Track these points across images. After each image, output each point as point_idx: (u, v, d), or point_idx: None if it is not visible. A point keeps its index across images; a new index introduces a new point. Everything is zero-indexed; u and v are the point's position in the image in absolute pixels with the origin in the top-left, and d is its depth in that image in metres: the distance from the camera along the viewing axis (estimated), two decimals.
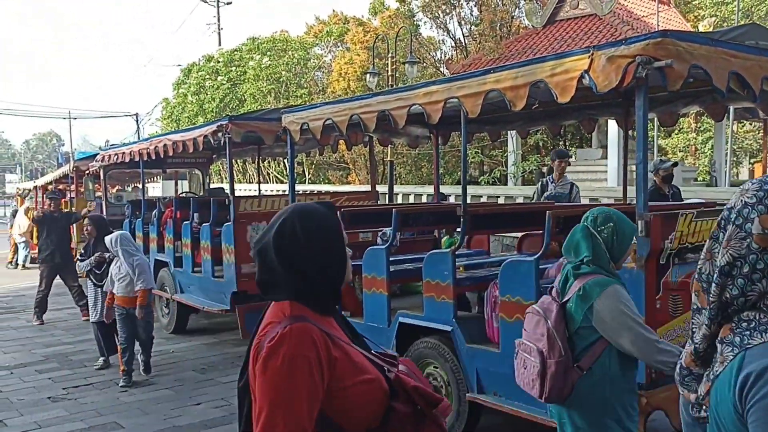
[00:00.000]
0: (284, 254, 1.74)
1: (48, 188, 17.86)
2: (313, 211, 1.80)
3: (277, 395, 1.62)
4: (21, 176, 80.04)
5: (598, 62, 3.61)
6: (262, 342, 1.68)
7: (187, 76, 27.82)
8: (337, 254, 1.80)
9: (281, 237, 1.75)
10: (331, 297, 1.82)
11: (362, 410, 1.74)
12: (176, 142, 8.38)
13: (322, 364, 1.66)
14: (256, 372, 1.67)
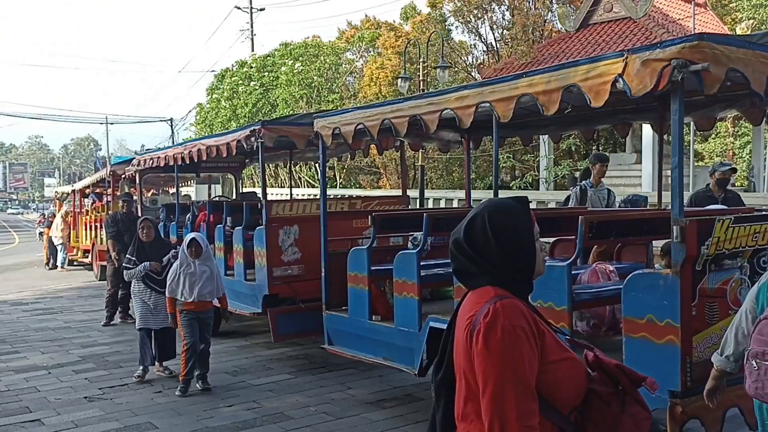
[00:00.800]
0: (475, 246, 1.83)
1: (86, 192, 18.26)
2: (503, 206, 1.88)
3: (504, 366, 1.67)
4: (59, 180, 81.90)
5: (632, 66, 3.57)
6: (476, 320, 1.73)
7: (221, 82, 28.20)
8: (525, 246, 1.85)
9: (471, 230, 1.84)
10: (526, 284, 1.87)
11: (568, 387, 1.78)
12: (210, 146, 8.49)
13: (534, 334, 1.72)
14: (476, 349, 1.71)
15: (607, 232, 4.75)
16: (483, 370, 1.69)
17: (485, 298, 1.78)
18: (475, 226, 1.84)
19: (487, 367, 1.68)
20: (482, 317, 1.72)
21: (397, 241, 7.49)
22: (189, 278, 6.26)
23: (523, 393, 1.66)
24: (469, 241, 1.84)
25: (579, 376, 1.81)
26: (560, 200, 12.53)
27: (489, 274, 1.82)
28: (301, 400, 6.03)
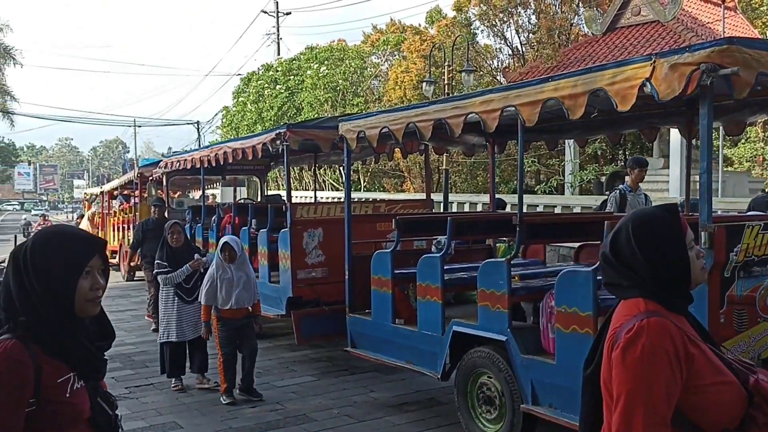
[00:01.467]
0: (622, 259, 1.79)
1: (114, 193, 18.52)
2: (646, 217, 1.83)
3: (636, 385, 1.64)
4: (88, 182, 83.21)
5: (660, 70, 3.54)
6: (619, 333, 1.71)
7: (247, 85, 28.45)
8: (675, 257, 1.78)
9: (617, 243, 1.81)
10: (681, 296, 1.80)
11: (719, 411, 1.73)
12: (236, 149, 8.58)
13: (679, 358, 1.66)
14: (613, 362, 1.70)
15: None
16: (617, 384, 1.68)
17: (634, 311, 1.73)
18: (620, 238, 1.80)
19: (620, 384, 1.67)
20: (625, 332, 1.69)
21: (420, 244, 7.49)
22: (226, 284, 6.01)
23: (653, 417, 1.63)
24: (616, 254, 1.80)
25: (733, 400, 1.73)
26: (586, 205, 12.44)
27: (639, 286, 1.76)
28: (324, 403, 6.05)
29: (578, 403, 3.28)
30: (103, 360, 1.96)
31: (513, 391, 4.67)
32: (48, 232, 1.92)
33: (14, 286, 1.82)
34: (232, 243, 6.14)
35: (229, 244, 6.10)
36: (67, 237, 1.89)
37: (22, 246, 1.88)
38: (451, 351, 5.16)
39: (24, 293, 1.80)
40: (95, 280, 1.87)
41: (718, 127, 6.43)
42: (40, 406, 1.76)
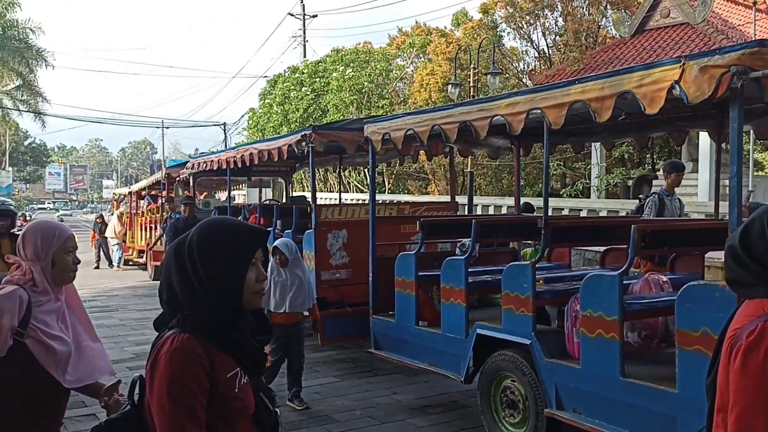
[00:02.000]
0: (751, 254, 1.67)
1: (142, 193, 18.77)
2: None
3: (757, 391, 1.54)
4: (117, 182, 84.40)
5: (689, 72, 3.49)
6: (739, 335, 1.60)
7: (273, 87, 28.64)
8: None
9: (747, 236, 1.69)
10: None
11: None
12: (261, 150, 8.64)
13: None
14: (733, 366, 1.60)
15: (660, 241, 4.66)
16: (735, 389, 1.57)
17: (757, 312, 1.61)
18: (752, 231, 1.66)
19: (739, 388, 1.56)
20: (746, 334, 1.57)
21: (444, 247, 7.48)
22: (280, 287, 5.83)
23: None
24: (745, 248, 1.66)
25: None
26: (612, 208, 12.33)
27: (767, 285, 1.63)
28: (347, 404, 6.06)
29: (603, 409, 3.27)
30: (264, 354, 1.95)
31: (537, 395, 4.64)
32: (211, 225, 1.88)
33: (178, 281, 1.80)
34: (282, 247, 5.88)
35: (279, 248, 5.86)
36: (233, 229, 1.87)
37: (183, 240, 1.85)
38: (475, 354, 5.14)
39: (189, 288, 1.78)
40: (260, 271, 1.88)
41: (749, 130, 6.33)
42: (212, 401, 1.76)
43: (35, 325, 2.54)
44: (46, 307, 2.61)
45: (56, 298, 2.67)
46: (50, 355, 2.55)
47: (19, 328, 2.50)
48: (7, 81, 38.34)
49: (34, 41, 38.12)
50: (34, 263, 2.61)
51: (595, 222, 7.52)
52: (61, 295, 2.69)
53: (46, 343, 2.55)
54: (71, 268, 2.67)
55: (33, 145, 72.89)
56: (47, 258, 2.61)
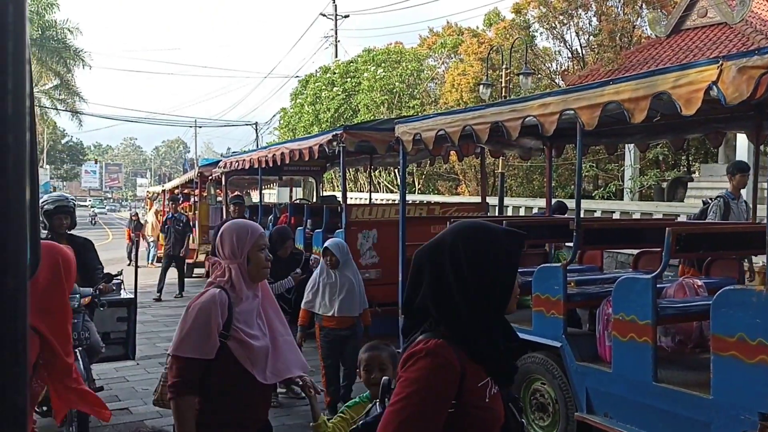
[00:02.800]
0: None
1: (174, 192, 19.04)
2: None
3: None
4: (150, 180, 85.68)
5: (727, 73, 3.43)
6: None
7: (305, 87, 28.80)
8: None
9: None
10: None
11: None
12: (293, 150, 8.71)
13: None
14: None
15: (696, 245, 4.58)
16: None
17: None
18: None
19: None
20: None
21: None
22: (329, 289, 5.53)
23: None
24: None
25: None
26: (645, 211, 12.14)
27: None
28: None
29: (635, 414, 3.22)
30: (515, 365, 1.83)
31: (567, 399, 4.60)
32: (474, 230, 1.77)
33: (432, 288, 1.72)
34: (333, 247, 5.57)
35: (329, 249, 5.56)
36: (497, 234, 1.76)
37: (438, 246, 1.76)
38: None
39: (446, 295, 1.70)
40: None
41: None
42: (462, 410, 1.67)
43: (237, 326, 2.63)
44: (244, 306, 2.69)
45: (254, 295, 2.76)
46: (250, 353, 2.63)
47: (223, 330, 2.61)
48: (45, 80, 39.21)
49: (71, 41, 38.95)
50: (231, 261, 2.71)
51: (628, 224, 7.42)
52: (258, 291, 2.78)
53: (246, 342, 2.63)
54: (264, 264, 2.75)
55: (70, 144, 74.40)
56: (243, 256, 2.70)
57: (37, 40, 36.38)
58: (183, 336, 2.60)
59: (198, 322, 2.59)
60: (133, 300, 5.78)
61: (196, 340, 2.58)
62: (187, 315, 2.66)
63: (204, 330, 2.58)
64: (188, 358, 2.58)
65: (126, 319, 5.74)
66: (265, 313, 2.79)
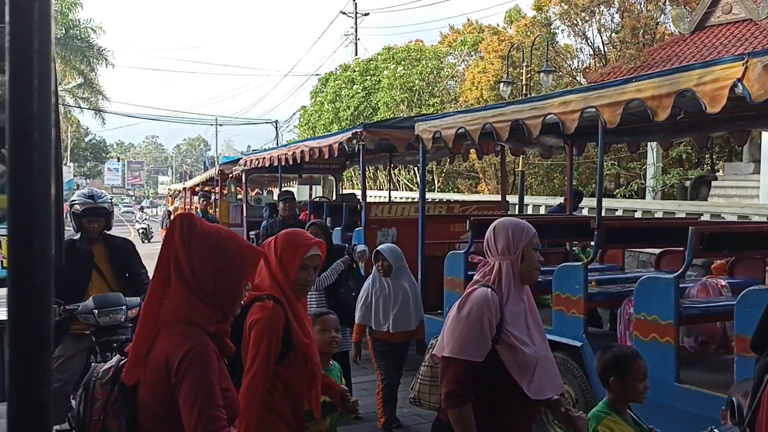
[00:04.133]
0: None
1: (195, 189, 19.18)
2: None
3: None
4: (171, 178, 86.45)
5: (753, 70, 3.38)
6: None
7: (324, 85, 28.88)
8: None
9: None
10: None
11: None
12: (313, 148, 8.73)
13: None
14: None
15: (719, 244, 4.52)
16: None
17: None
18: None
19: None
20: None
21: None
22: (383, 302, 4.97)
23: None
24: None
25: None
26: (668, 210, 12.01)
27: None
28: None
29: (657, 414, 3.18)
30: None
31: (588, 399, 4.57)
32: None
33: None
34: (387, 252, 5.03)
35: (382, 254, 5.02)
36: None
37: None
38: None
39: None
40: None
41: None
42: None
43: (507, 329, 2.45)
44: (511, 308, 2.50)
45: (521, 298, 2.56)
46: (520, 360, 2.43)
47: (495, 334, 2.44)
48: (69, 79, 39.70)
49: (95, 40, 39.40)
50: (503, 258, 2.55)
51: (650, 223, 7.34)
52: (524, 295, 2.59)
53: (517, 348, 2.43)
54: (537, 265, 2.58)
55: (93, 142, 75.27)
56: (517, 253, 2.54)
57: (61, 39, 36.85)
58: (458, 337, 2.40)
59: (473, 322, 2.39)
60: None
61: (471, 342, 2.39)
62: (458, 315, 2.47)
63: (479, 331, 2.40)
64: (465, 361, 2.39)
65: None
66: (532, 321, 2.57)
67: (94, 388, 2.00)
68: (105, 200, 4.37)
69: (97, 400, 1.97)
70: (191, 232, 1.93)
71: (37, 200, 0.58)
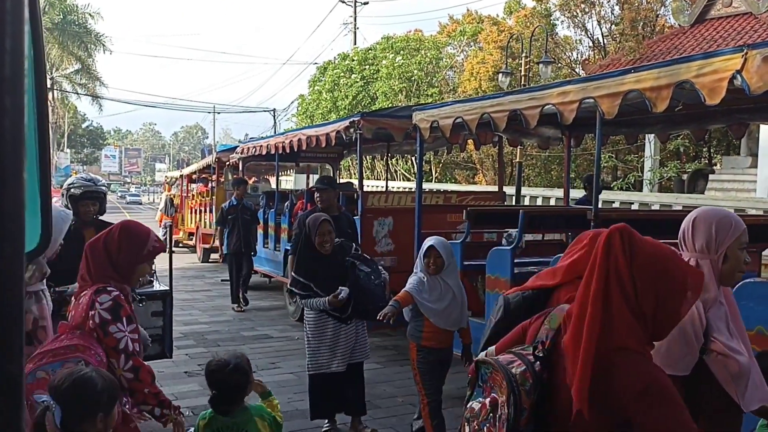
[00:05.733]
0: None
1: (192, 177, 19.11)
2: None
3: None
4: (169, 165, 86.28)
5: (752, 62, 3.36)
6: None
7: (323, 74, 28.79)
8: None
9: None
10: None
11: None
12: (310, 136, 8.70)
13: None
14: None
15: None
16: None
17: None
18: None
19: None
20: None
21: (491, 237, 7.41)
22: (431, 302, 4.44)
23: None
24: None
25: None
26: (665, 202, 12.02)
27: None
28: (389, 390, 6.08)
29: None
30: None
31: None
32: None
33: None
34: (440, 247, 4.41)
35: (436, 248, 4.39)
36: None
37: None
38: None
39: None
40: None
41: None
42: None
43: (714, 337, 2.18)
44: (714, 312, 2.23)
45: (720, 301, 2.27)
46: (732, 371, 2.16)
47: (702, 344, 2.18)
48: (66, 65, 39.54)
49: (92, 26, 39.21)
50: (702, 256, 2.26)
51: (647, 215, 7.34)
52: (722, 297, 2.29)
53: (728, 357, 2.16)
54: (741, 267, 2.27)
55: (90, 128, 75.05)
56: (720, 252, 2.26)
57: (59, 24, 36.64)
58: (658, 349, 2.06)
59: (674, 332, 2.02)
60: (169, 292, 5.12)
61: (678, 354, 2.15)
62: None
63: (684, 341, 2.14)
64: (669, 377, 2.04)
65: (161, 314, 5.05)
66: (735, 325, 2.27)
67: (520, 396, 1.79)
68: (102, 184, 4.54)
69: (524, 410, 1.79)
70: (632, 247, 1.81)
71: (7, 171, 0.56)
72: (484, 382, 1.95)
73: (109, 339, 2.69)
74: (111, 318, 2.68)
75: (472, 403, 1.98)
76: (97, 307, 2.67)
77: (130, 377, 2.75)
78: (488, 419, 1.86)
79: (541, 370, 1.84)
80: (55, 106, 40.82)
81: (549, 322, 1.93)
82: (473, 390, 2.01)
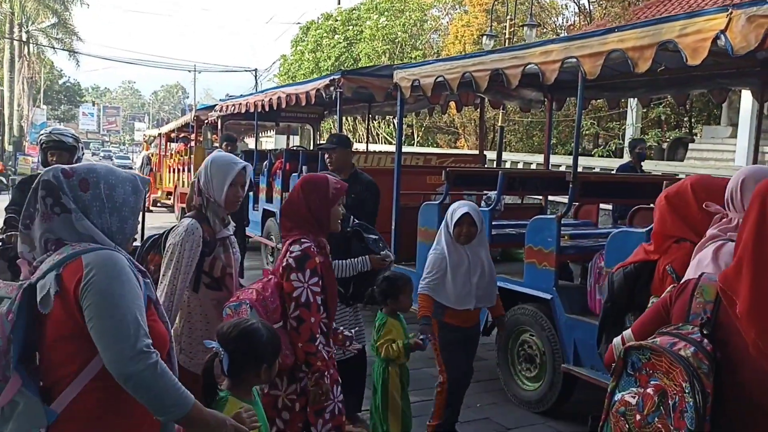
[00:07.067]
0: None
1: (171, 135, 18.82)
2: None
3: None
4: (148, 125, 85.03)
5: (736, 22, 3.32)
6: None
7: (306, 34, 28.32)
8: None
9: None
10: None
11: None
12: (290, 94, 8.56)
13: None
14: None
15: None
16: None
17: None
18: None
19: None
20: None
21: (470, 198, 7.39)
22: (461, 275, 3.96)
23: None
24: None
25: None
26: (645, 169, 12.05)
27: None
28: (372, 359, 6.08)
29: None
30: None
31: (555, 351, 4.61)
32: None
33: None
34: (475, 214, 3.99)
35: (471, 216, 3.94)
36: None
37: None
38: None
39: None
40: None
41: None
42: None
43: None
44: None
45: None
46: None
47: None
48: (42, 18, 38.47)
49: None
50: None
51: (625, 179, 7.34)
52: None
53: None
54: None
55: (67, 84, 73.51)
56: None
57: None
58: None
59: None
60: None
61: None
62: None
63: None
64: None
65: None
66: None
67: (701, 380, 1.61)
68: (68, 136, 4.40)
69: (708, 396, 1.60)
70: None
71: None
72: (637, 371, 1.77)
73: (288, 285, 2.86)
74: (295, 267, 2.86)
75: (623, 395, 1.78)
76: (288, 256, 2.89)
77: (294, 325, 2.85)
78: (657, 411, 1.65)
79: (713, 350, 1.66)
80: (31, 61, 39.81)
81: (702, 295, 1.77)
82: (619, 380, 1.85)
